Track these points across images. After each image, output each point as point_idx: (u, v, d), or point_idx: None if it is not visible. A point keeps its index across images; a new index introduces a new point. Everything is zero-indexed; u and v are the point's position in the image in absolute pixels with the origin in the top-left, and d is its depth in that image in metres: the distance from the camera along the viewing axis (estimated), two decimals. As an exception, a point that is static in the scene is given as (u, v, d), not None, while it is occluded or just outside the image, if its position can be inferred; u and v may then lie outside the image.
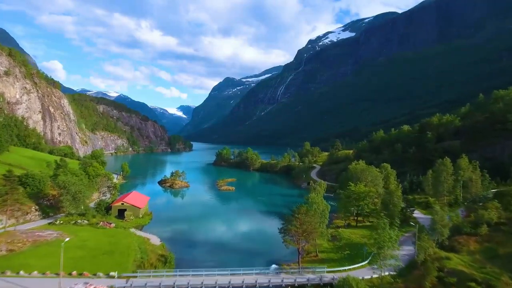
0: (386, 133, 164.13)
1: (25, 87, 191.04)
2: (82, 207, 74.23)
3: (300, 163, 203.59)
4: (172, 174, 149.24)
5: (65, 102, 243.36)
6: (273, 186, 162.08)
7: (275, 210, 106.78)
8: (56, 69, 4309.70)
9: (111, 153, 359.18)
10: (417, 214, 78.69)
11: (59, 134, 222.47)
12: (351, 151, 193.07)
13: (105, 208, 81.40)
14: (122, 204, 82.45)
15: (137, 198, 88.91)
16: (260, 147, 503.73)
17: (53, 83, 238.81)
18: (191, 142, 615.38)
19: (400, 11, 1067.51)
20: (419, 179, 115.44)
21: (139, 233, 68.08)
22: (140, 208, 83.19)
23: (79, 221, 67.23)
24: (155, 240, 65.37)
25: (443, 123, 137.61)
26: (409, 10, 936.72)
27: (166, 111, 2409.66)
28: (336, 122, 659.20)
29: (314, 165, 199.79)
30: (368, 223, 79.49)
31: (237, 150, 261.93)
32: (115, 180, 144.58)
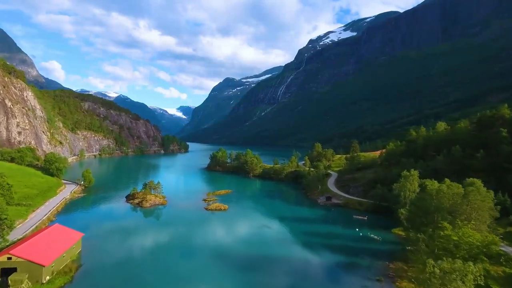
0: (428, 130, 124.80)
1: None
2: None
3: (311, 169, 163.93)
4: (144, 186, 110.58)
5: (29, 95, 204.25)
6: (281, 201, 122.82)
7: (291, 255, 66.75)
8: (55, 69, 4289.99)
9: (95, 155, 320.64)
10: None
11: (19, 133, 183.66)
12: (376, 154, 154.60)
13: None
14: (9, 259, 43.72)
15: (49, 242, 50.04)
16: (260, 148, 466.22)
17: (14, 72, 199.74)
18: (189, 143, 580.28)
19: (401, 11, 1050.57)
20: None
21: None
22: (44, 266, 44.43)
23: None
24: None
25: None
26: (412, 9, 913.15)
27: (166, 111, 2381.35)
28: (339, 122, 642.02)
29: (329, 171, 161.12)
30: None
31: (235, 152, 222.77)
32: (66, 196, 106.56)
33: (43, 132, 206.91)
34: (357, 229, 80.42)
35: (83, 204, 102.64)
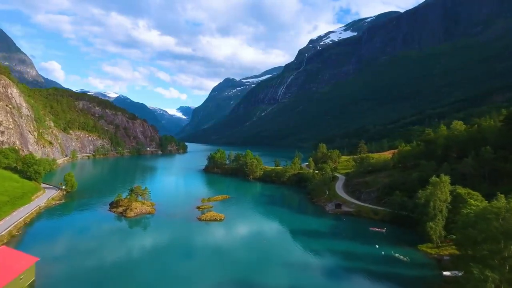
0: (436, 131, 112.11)
1: None
2: None
3: (316, 172, 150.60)
4: (130, 192, 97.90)
5: (14, 92, 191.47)
6: (284, 209, 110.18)
7: (298, 281, 53.69)
8: (55, 69, 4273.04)
9: (88, 156, 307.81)
10: None
11: (2, 132, 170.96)
12: (386, 155, 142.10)
13: None
14: None
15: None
16: (260, 148, 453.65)
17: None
18: (189, 143, 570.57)
19: (401, 11, 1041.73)
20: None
21: None
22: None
23: None
24: None
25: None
26: (413, 9, 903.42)
27: (166, 112, 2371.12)
28: (339, 122, 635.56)
29: (335, 174, 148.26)
30: None
31: (234, 153, 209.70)
32: (41, 204, 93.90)
33: (29, 131, 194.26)
34: (377, 246, 67.84)
35: (60, 213, 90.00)
